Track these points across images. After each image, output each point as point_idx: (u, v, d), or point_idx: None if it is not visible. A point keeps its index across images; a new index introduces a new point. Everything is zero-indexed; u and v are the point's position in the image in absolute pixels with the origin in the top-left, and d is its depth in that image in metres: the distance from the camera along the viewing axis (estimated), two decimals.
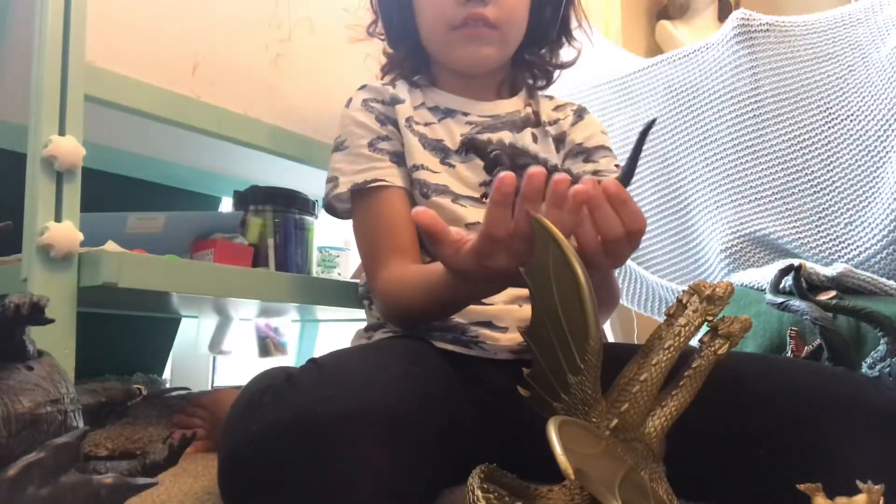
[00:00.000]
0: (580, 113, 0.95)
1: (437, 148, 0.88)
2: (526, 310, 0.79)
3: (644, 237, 0.66)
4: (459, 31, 0.84)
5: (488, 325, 0.78)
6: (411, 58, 0.94)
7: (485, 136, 0.64)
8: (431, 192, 0.84)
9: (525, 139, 0.90)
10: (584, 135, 0.92)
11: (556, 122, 0.93)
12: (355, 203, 0.86)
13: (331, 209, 0.90)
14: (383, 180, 0.84)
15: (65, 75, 0.78)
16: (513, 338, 0.77)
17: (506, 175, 0.54)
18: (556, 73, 0.98)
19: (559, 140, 0.92)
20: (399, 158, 0.87)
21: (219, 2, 1.01)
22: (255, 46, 1.05)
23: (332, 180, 0.87)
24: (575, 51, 0.97)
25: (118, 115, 0.89)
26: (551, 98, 0.98)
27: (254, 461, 0.52)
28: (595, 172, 0.89)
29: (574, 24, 0.95)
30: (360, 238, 0.87)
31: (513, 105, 0.93)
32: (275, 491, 0.51)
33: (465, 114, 0.90)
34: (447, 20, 0.84)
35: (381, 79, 0.97)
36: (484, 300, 0.79)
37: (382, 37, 0.96)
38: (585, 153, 0.91)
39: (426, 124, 0.89)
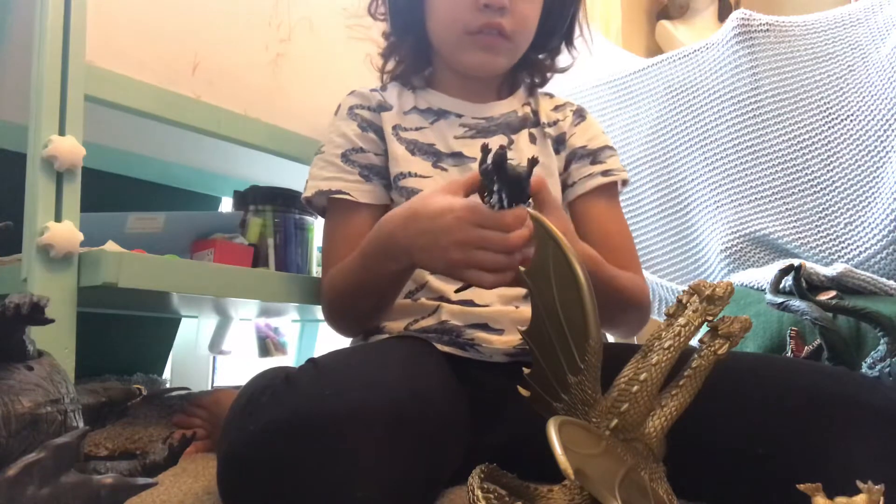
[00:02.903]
0: (580, 114, 0.95)
1: (429, 152, 0.88)
2: (522, 311, 0.79)
3: (644, 237, 0.66)
4: (474, 36, 0.84)
5: (484, 327, 0.78)
6: (414, 52, 0.93)
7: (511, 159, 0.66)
8: None
9: (521, 141, 0.90)
10: (586, 137, 0.92)
11: (555, 122, 0.93)
12: (327, 206, 0.89)
13: (312, 206, 0.92)
14: (347, 194, 0.86)
15: (65, 75, 0.78)
16: (507, 340, 0.77)
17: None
18: (550, 74, 0.98)
19: (559, 141, 0.92)
20: (372, 172, 0.88)
21: (219, 2, 1.01)
22: (255, 46, 1.05)
23: (307, 182, 0.90)
24: (572, 58, 0.97)
25: (118, 115, 0.89)
26: (552, 97, 0.97)
27: (252, 461, 0.52)
28: (605, 172, 0.90)
29: (577, 33, 0.96)
30: (322, 242, 0.90)
31: (508, 105, 0.93)
32: (273, 491, 0.51)
33: (459, 115, 0.90)
34: (464, 24, 0.84)
35: (382, 68, 0.96)
36: (479, 302, 0.79)
37: (383, 16, 0.95)
38: (591, 155, 0.91)
39: (417, 129, 0.89)
